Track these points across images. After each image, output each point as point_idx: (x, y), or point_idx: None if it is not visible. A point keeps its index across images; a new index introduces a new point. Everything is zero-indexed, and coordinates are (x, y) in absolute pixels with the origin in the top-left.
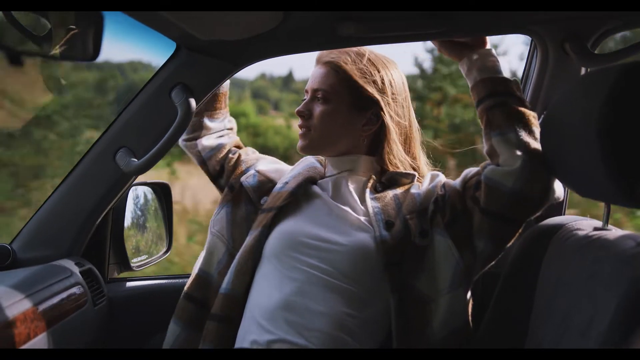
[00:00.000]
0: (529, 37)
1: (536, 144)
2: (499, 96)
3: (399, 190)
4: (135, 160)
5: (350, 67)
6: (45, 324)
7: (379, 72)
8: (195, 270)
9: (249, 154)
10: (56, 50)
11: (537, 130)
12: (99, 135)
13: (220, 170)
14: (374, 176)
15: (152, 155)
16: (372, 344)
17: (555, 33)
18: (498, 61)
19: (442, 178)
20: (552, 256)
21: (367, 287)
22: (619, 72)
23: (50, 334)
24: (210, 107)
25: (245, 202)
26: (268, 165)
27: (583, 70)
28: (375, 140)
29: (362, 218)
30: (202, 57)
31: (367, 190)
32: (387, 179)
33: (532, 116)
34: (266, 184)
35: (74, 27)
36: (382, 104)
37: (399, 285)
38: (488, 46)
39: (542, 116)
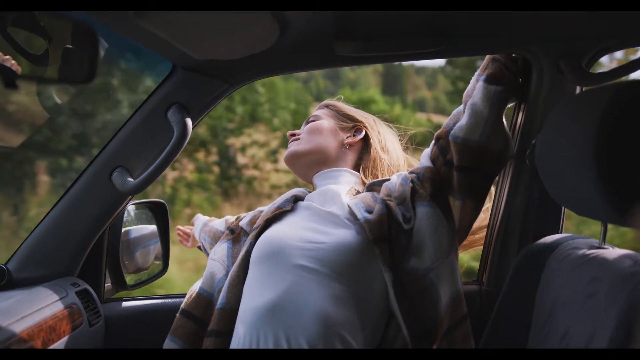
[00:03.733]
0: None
1: (503, 106)
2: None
3: (375, 192)
4: (131, 179)
5: (337, 103)
6: (40, 345)
7: (363, 112)
8: (195, 289)
9: None
10: (52, 73)
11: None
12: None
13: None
14: (355, 187)
15: (148, 175)
16: (371, 340)
17: (550, 51)
18: None
19: (404, 171)
20: (550, 275)
21: (357, 279)
22: (614, 91)
23: None
24: None
25: (243, 238)
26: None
27: (578, 89)
28: (360, 157)
29: (344, 216)
30: (198, 76)
31: (347, 195)
32: (366, 189)
33: (519, 87)
34: (258, 215)
35: (70, 49)
36: (367, 125)
37: (391, 262)
38: None
39: (538, 135)
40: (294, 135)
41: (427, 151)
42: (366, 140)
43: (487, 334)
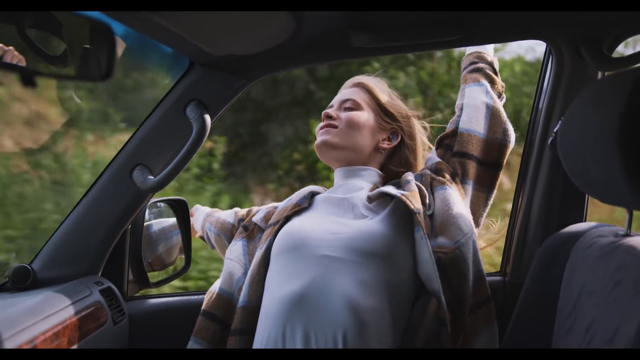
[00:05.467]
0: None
1: (498, 101)
2: (481, 62)
3: None
4: (152, 177)
5: (378, 91)
6: (66, 343)
7: (402, 105)
8: (215, 290)
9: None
10: (70, 71)
11: (501, 97)
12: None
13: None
14: (377, 185)
15: (168, 172)
16: (399, 328)
17: (570, 37)
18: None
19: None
20: (575, 264)
21: (385, 264)
22: (637, 75)
23: None
24: None
25: (258, 234)
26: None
27: (600, 74)
28: (388, 159)
29: (362, 207)
30: (216, 72)
31: (368, 191)
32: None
33: (501, 85)
34: (272, 212)
35: (87, 46)
36: (404, 128)
37: (427, 232)
38: None
39: (560, 122)
40: (330, 117)
41: (431, 155)
42: (399, 143)
43: (512, 325)
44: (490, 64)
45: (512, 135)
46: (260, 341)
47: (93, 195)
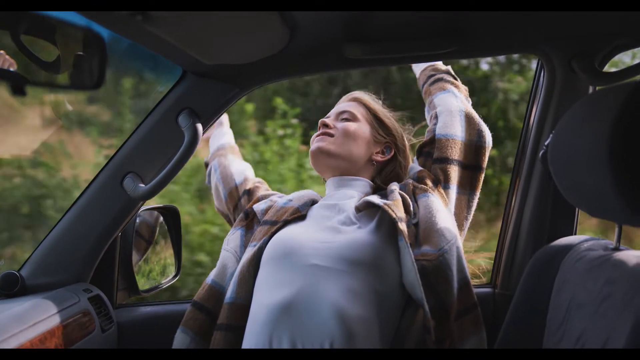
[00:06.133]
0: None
1: (468, 104)
2: (439, 73)
3: None
4: (143, 185)
5: (375, 106)
6: None
7: (395, 122)
8: (207, 281)
9: (268, 189)
10: (61, 79)
11: (467, 100)
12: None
13: (243, 199)
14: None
15: (159, 181)
16: (387, 337)
17: (563, 51)
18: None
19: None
20: (564, 277)
21: (373, 273)
22: (628, 91)
23: None
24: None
25: (256, 225)
26: (281, 195)
27: (591, 89)
28: (379, 171)
29: (352, 216)
30: (208, 81)
31: (358, 200)
32: None
33: (465, 89)
34: (272, 205)
35: (78, 56)
36: (397, 141)
37: (411, 240)
38: None
39: (551, 135)
40: (326, 126)
41: (413, 165)
42: (392, 157)
43: (501, 337)
44: (448, 72)
45: (488, 135)
46: (247, 347)
47: (83, 202)
